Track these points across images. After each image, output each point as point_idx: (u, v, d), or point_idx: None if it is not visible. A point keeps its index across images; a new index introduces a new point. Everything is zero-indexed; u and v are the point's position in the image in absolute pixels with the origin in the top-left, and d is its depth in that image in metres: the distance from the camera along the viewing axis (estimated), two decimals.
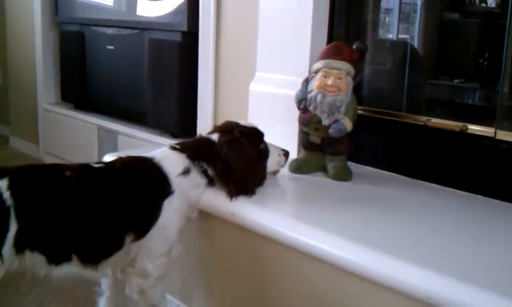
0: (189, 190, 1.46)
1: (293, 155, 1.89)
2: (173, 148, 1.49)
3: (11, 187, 1.25)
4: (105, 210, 1.34)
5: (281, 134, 1.95)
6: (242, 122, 1.59)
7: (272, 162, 1.62)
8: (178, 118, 2.70)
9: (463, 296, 1.06)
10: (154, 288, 1.45)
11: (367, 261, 1.20)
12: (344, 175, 1.73)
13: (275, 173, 1.67)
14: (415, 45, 2.07)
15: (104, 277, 1.58)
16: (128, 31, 2.99)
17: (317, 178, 1.76)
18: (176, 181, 1.43)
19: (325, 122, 1.70)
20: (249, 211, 1.47)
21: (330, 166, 1.75)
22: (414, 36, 2.07)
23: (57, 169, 1.37)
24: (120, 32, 3.05)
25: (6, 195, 1.23)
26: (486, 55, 1.86)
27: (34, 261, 1.29)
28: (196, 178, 1.47)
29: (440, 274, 1.10)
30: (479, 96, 1.91)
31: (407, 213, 1.48)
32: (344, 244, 1.26)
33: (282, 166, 1.67)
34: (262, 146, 1.58)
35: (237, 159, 1.48)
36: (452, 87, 1.97)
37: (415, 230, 1.36)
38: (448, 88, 1.98)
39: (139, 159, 1.45)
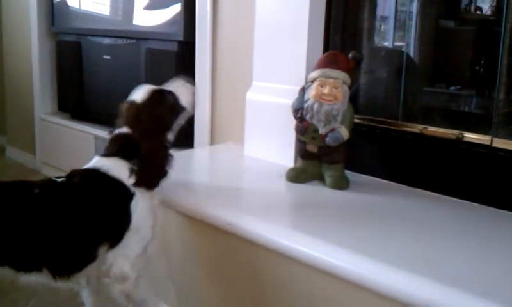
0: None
1: (290, 164, 1.90)
2: (103, 155, 1.47)
3: None
4: (76, 225, 1.34)
5: (278, 143, 1.96)
6: (138, 98, 1.52)
7: (186, 102, 1.57)
8: None
9: (461, 305, 1.06)
10: (138, 288, 1.45)
11: (365, 270, 1.20)
12: (342, 184, 1.73)
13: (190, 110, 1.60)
14: (411, 52, 2.08)
15: (81, 288, 1.58)
16: (124, 41, 2.99)
17: (314, 187, 1.76)
18: (131, 183, 1.42)
19: (322, 131, 1.70)
20: (247, 221, 1.46)
21: (327, 175, 1.75)
22: (410, 44, 2.08)
23: (25, 185, 1.35)
24: (116, 42, 3.06)
25: None
26: (482, 62, 1.87)
27: (4, 273, 1.29)
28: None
29: (438, 283, 1.11)
30: (475, 104, 1.92)
31: (404, 222, 1.48)
32: (342, 253, 1.25)
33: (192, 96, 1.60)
34: (170, 103, 1.54)
35: (149, 154, 1.45)
36: (448, 95, 1.98)
37: (413, 239, 1.36)
38: (444, 96, 1.99)
39: (92, 171, 1.43)
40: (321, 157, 1.76)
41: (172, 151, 1.53)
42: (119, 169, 1.43)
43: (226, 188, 1.78)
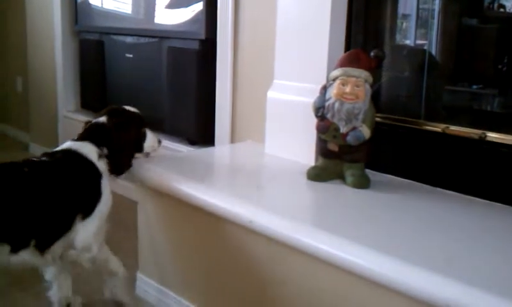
0: (107, 171, 1.71)
1: (311, 162, 1.90)
2: (76, 139, 1.70)
3: None
4: (61, 198, 1.56)
5: (299, 142, 1.97)
6: (127, 108, 1.84)
7: (148, 145, 1.85)
8: (196, 125, 2.72)
9: (483, 305, 1.06)
10: (101, 253, 1.70)
11: (386, 269, 1.20)
12: (363, 183, 1.73)
13: (148, 155, 1.89)
14: (433, 51, 2.06)
15: (47, 270, 1.78)
16: (146, 40, 3.02)
17: (335, 186, 1.76)
18: (99, 165, 1.67)
19: (343, 130, 1.70)
20: (268, 218, 1.47)
21: (348, 174, 1.75)
22: (432, 42, 2.06)
23: (15, 165, 1.54)
24: (138, 40, 3.09)
25: None
26: (505, 61, 1.85)
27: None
28: (104, 161, 1.70)
29: (459, 283, 1.10)
30: (498, 103, 1.90)
31: (426, 221, 1.48)
32: (362, 252, 1.26)
33: (155, 151, 1.91)
34: (143, 130, 1.83)
35: (121, 142, 1.73)
36: (471, 93, 1.96)
37: (434, 238, 1.36)
38: (466, 95, 1.97)
39: (69, 152, 1.65)
40: (342, 156, 1.76)
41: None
42: (89, 152, 1.67)
43: (246, 185, 1.79)
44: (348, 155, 1.74)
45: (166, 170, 1.85)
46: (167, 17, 2.86)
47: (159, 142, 1.90)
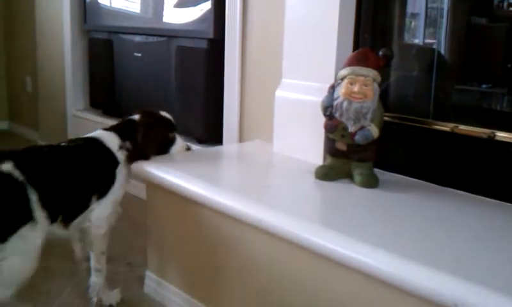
0: (125, 162, 1.84)
1: (319, 161, 1.90)
2: (105, 129, 1.87)
3: (18, 167, 1.52)
4: (82, 179, 1.72)
5: (307, 141, 1.97)
6: (160, 112, 1.99)
7: (174, 150, 1.99)
8: (204, 124, 2.72)
9: (491, 304, 1.06)
10: (105, 238, 1.84)
11: (394, 268, 1.20)
12: (371, 182, 1.73)
13: None
14: (442, 50, 2.06)
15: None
16: (155, 39, 3.03)
17: (343, 185, 1.76)
18: (118, 154, 1.82)
19: (351, 129, 1.70)
20: (277, 217, 1.48)
21: (356, 173, 1.75)
22: (441, 41, 2.06)
23: (38, 149, 1.73)
24: (147, 39, 3.10)
25: (17, 173, 1.51)
26: None
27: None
28: (124, 153, 1.83)
29: (467, 282, 1.10)
30: (507, 102, 1.89)
31: (434, 221, 1.48)
32: (371, 251, 1.26)
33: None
34: (171, 135, 1.97)
35: (145, 140, 1.86)
36: (480, 93, 1.95)
37: (443, 237, 1.36)
38: (475, 94, 1.97)
39: (91, 139, 1.82)
40: (350, 155, 1.76)
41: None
42: (112, 141, 1.83)
43: (255, 184, 1.79)
44: (356, 154, 1.74)
45: (174, 168, 1.85)
46: (175, 16, 2.87)
47: (188, 149, 2.03)
